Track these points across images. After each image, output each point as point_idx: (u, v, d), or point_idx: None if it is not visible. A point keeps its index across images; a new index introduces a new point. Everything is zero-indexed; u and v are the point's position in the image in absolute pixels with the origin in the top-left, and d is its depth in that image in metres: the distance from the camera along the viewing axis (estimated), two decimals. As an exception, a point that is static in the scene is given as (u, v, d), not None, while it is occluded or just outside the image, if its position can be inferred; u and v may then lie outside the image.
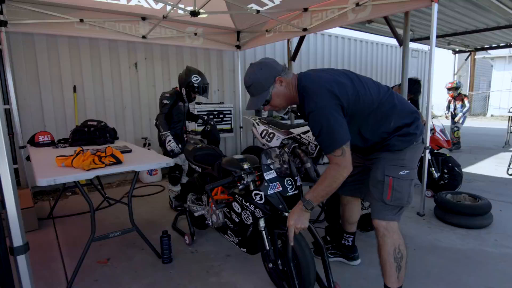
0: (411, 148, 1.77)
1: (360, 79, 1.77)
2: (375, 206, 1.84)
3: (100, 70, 4.74)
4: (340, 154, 1.62)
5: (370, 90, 1.74)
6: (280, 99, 1.79)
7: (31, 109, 4.28)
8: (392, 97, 1.78)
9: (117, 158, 2.24)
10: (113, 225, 3.30)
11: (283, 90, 1.76)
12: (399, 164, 1.76)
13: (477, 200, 3.23)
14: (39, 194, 4.34)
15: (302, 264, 1.84)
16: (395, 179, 1.75)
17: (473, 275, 2.32)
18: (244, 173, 1.96)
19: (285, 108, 1.86)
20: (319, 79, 1.70)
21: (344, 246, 2.48)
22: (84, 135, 3.31)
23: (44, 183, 1.87)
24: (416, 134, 1.76)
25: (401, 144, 1.75)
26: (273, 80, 1.73)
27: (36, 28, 3.94)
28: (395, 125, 1.74)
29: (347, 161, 1.62)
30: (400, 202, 1.77)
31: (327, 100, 1.61)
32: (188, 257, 2.63)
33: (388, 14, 3.64)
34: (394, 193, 1.75)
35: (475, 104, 18.33)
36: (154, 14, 4.53)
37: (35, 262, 2.58)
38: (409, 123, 1.75)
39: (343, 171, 1.62)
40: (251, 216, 1.97)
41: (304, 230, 1.73)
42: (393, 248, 1.77)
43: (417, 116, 1.81)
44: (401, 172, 1.75)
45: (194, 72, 3.41)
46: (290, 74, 1.79)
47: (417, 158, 1.84)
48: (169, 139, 3.23)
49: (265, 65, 1.77)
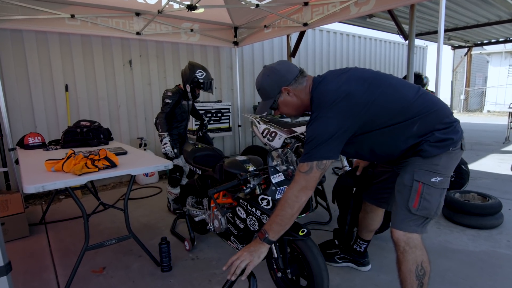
0: (447, 154, 1.55)
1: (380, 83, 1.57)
2: (398, 214, 1.63)
3: (93, 68, 4.57)
4: (304, 170, 1.48)
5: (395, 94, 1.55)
6: (287, 108, 1.70)
7: (21, 110, 4.10)
8: (419, 95, 1.57)
9: (112, 162, 2.09)
10: (108, 230, 3.15)
11: (290, 100, 1.66)
12: (432, 169, 1.55)
13: (487, 199, 3.13)
14: (30, 198, 4.17)
15: (315, 273, 1.71)
16: (425, 186, 1.55)
17: (489, 279, 2.20)
18: (250, 176, 1.83)
19: (295, 116, 1.77)
20: (331, 90, 1.55)
21: (355, 251, 2.35)
22: (77, 136, 3.15)
23: (32, 190, 1.71)
24: (453, 139, 1.54)
25: (435, 150, 1.54)
26: (278, 90, 1.65)
27: (25, 24, 3.77)
28: (420, 129, 1.54)
29: (308, 181, 1.48)
30: (427, 213, 1.56)
31: (334, 113, 1.49)
32: (188, 265, 2.49)
33: (393, 7, 3.51)
34: (422, 201, 1.55)
35: (471, 100, 18.35)
36: (148, 9, 4.37)
37: (26, 272, 2.43)
38: (441, 128, 1.54)
39: (296, 189, 1.49)
40: (257, 222, 1.84)
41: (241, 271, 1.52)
42: (415, 266, 1.58)
43: (453, 118, 1.59)
44: (433, 179, 1.54)
45: (199, 67, 3.27)
46: (303, 82, 1.65)
47: (453, 166, 1.61)
48: (165, 142, 3.08)
49: (274, 73, 1.66)
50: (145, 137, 5.03)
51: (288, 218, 1.52)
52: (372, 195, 2.09)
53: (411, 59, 3.36)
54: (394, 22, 3.87)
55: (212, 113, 5.38)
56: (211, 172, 2.37)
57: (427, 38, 7.73)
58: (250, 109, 6.31)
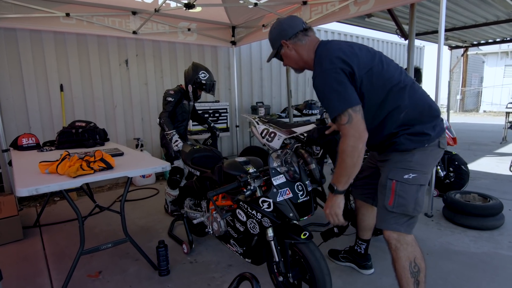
0: (422, 150, 1.59)
1: (382, 58, 1.63)
2: (379, 213, 1.70)
3: (89, 67, 4.49)
4: (346, 122, 1.46)
5: (389, 69, 1.60)
6: (288, 61, 1.79)
7: (15, 110, 4.02)
8: (412, 86, 1.61)
9: (108, 163, 2.03)
10: (104, 233, 3.08)
11: (290, 53, 1.74)
12: (405, 166, 1.59)
13: (487, 200, 3.10)
14: (25, 200, 4.09)
15: (317, 277, 1.67)
16: (398, 183, 1.59)
17: (492, 281, 2.18)
18: (250, 177, 1.78)
19: (297, 70, 1.83)
20: (332, 47, 1.61)
21: (355, 252, 2.33)
22: (72, 137, 3.08)
23: (25, 194, 1.65)
24: (430, 135, 1.57)
25: (410, 143, 1.57)
26: (279, 43, 1.74)
27: (19, 23, 3.69)
28: (405, 118, 1.57)
29: (354, 128, 1.45)
30: (404, 209, 1.59)
31: (333, 65, 1.51)
32: (186, 268, 2.43)
33: (393, 7, 3.48)
34: (396, 199, 1.59)
35: (467, 100, 18.43)
36: (145, 8, 4.30)
37: (19, 277, 2.37)
38: (424, 121, 1.58)
39: (350, 141, 1.46)
40: (258, 226, 1.79)
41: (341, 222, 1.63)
42: (408, 262, 1.60)
43: (437, 115, 1.63)
44: (406, 176, 1.58)
45: (202, 69, 3.25)
46: (304, 39, 1.70)
47: (429, 162, 1.63)
48: (176, 139, 3.01)
49: (278, 26, 1.76)
50: (141, 137, 4.97)
51: (351, 167, 1.51)
52: (359, 190, 2.13)
53: (411, 58, 3.33)
54: (393, 22, 3.84)
55: (209, 113, 5.33)
56: (209, 174, 2.32)
57: (424, 38, 7.71)
58: (248, 109, 6.26)
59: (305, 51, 1.70)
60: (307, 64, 1.74)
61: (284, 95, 6.88)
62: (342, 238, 2.81)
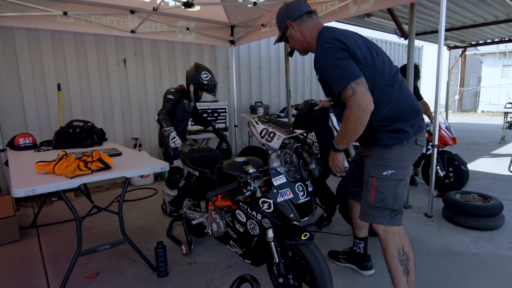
0: (399, 147, 1.69)
1: (378, 52, 1.71)
2: (363, 207, 1.81)
3: (86, 66, 4.46)
4: (350, 95, 1.53)
5: (382, 64, 1.67)
6: (293, 42, 1.86)
7: (12, 109, 3.98)
8: (400, 85, 1.71)
9: (105, 163, 2.00)
10: (102, 234, 3.05)
11: (295, 34, 1.82)
12: (384, 163, 1.70)
13: (487, 200, 3.09)
14: (22, 200, 4.05)
15: (318, 278, 1.65)
16: (378, 180, 1.70)
17: (493, 282, 2.17)
18: (250, 178, 1.76)
19: (301, 52, 1.91)
20: (334, 30, 1.71)
21: (355, 253, 2.31)
22: (69, 136, 3.05)
23: (21, 194, 1.63)
24: (408, 133, 1.66)
25: (389, 139, 1.68)
26: (285, 25, 1.82)
27: (16, 21, 3.66)
28: (388, 113, 1.66)
29: (358, 100, 1.52)
30: (384, 204, 1.69)
31: (334, 44, 1.60)
32: (185, 269, 2.41)
33: (392, 6, 3.47)
34: (377, 194, 1.70)
35: (465, 100, 18.47)
36: (143, 7, 4.27)
37: (16, 278, 2.34)
38: (405, 119, 1.67)
39: (354, 111, 1.54)
40: (258, 226, 1.77)
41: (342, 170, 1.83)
42: (396, 251, 1.68)
43: (418, 114, 1.73)
44: (384, 173, 1.69)
45: (204, 69, 3.25)
46: (308, 21, 1.78)
47: (407, 158, 1.72)
48: (173, 135, 2.99)
49: (285, 8, 1.85)
50: (140, 137, 4.93)
51: (352, 134, 1.62)
52: (347, 188, 2.20)
53: (411, 57, 3.32)
54: (393, 21, 3.83)
55: (208, 113, 5.30)
56: (209, 174, 2.29)
57: (423, 38, 7.71)
58: (246, 109, 6.24)
59: (308, 33, 1.78)
60: (310, 45, 1.81)
61: (283, 94, 6.86)
62: (342, 239, 2.81)
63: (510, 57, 17.47)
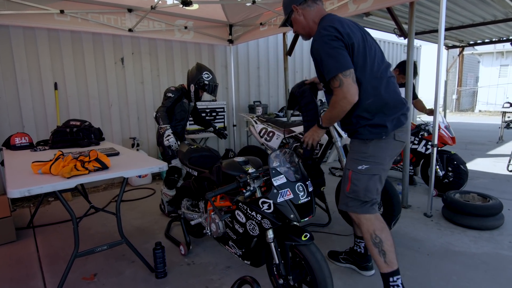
0: (377, 142, 1.78)
1: (372, 45, 1.79)
2: (340, 196, 1.96)
3: (84, 65, 4.42)
4: (337, 86, 1.67)
5: (375, 57, 1.75)
6: (297, 26, 1.94)
7: (8, 109, 3.93)
8: (388, 81, 1.77)
9: (103, 163, 1.98)
10: (99, 234, 3.02)
11: (299, 18, 1.90)
12: (360, 158, 1.82)
13: (487, 199, 3.09)
14: (18, 200, 4.00)
15: (319, 280, 1.63)
16: (353, 173, 1.83)
17: (494, 282, 2.16)
18: (250, 178, 1.73)
19: (304, 36, 1.97)
20: (334, 18, 1.77)
21: (355, 252, 2.30)
22: (66, 136, 3.01)
23: (17, 195, 1.60)
24: (387, 128, 1.75)
25: (369, 134, 1.78)
26: (290, 8, 1.90)
27: (12, 19, 3.61)
28: (370, 105, 1.74)
29: (345, 91, 1.65)
30: (356, 195, 1.83)
31: (330, 32, 1.68)
32: (184, 270, 2.38)
33: (392, 5, 3.46)
34: (351, 186, 1.84)
35: (463, 99, 18.54)
36: (141, 6, 4.23)
37: (12, 280, 2.31)
38: (386, 113, 1.75)
39: (340, 101, 1.69)
40: (258, 227, 1.75)
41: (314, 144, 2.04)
42: (368, 235, 1.83)
43: (400, 110, 1.78)
44: (359, 167, 1.81)
45: (206, 70, 3.24)
46: (312, 6, 1.86)
47: (384, 154, 1.81)
48: (168, 133, 2.96)
49: None
50: (137, 137, 4.90)
51: (335, 117, 1.81)
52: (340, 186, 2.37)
53: (411, 56, 3.30)
54: (393, 20, 3.81)
55: (206, 112, 5.27)
56: (207, 174, 2.27)
57: (421, 38, 7.70)
58: (245, 109, 6.21)
59: (311, 18, 1.87)
60: (312, 30, 1.89)
61: (281, 94, 6.84)
62: (342, 239, 2.79)
63: (508, 56, 17.54)
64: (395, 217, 2.59)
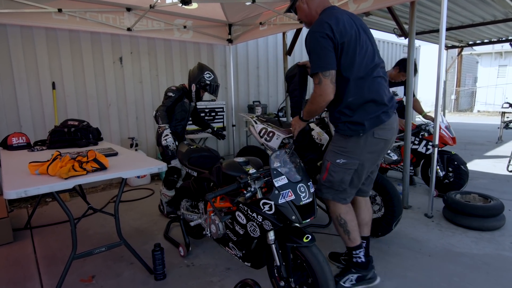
0: (356, 139, 1.85)
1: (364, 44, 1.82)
2: (318, 183, 2.07)
3: (82, 65, 4.38)
4: (317, 83, 1.77)
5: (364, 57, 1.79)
6: (300, 13, 2.00)
7: (5, 108, 3.90)
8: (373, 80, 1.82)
9: (101, 164, 1.95)
10: (98, 235, 2.99)
11: (303, 6, 1.96)
12: (339, 151, 1.91)
13: (488, 200, 3.07)
14: (15, 201, 3.97)
15: (321, 282, 1.60)
16: (331, 164, 1.94)
17: (496, 283, 2.14)
18: (251, 179, 1.71)
19: (307, 24, 2.02)
20: (332, 13, 1.82)
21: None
22: (64, 136, 2.98)
23: (13, 196, 1.57)
24: (364, 126, 1.81)
25: (348, 131, 1.85)
26: None
27: (9, 18, 3.57)
28: (352, 103, 1.81)
29: (322, 89, 1.75)
30: (331, 185, 1.96)
31: (322, 28, 1.73)
32: (183, 272, 2.36)
33: (393, 4, 3.44)
34: (328, 176, 1.96)
35: (462, 100, 18.56)
36: (139, 5, 4.20)
37: (9, 281, 2.28)
38: (368, 110, 1.81)
39: (319, 98, 1.79)
40: (259, 229, 1.72)
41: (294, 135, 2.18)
42: (335, 216, 2.02)
43: (380, 108, 1.82)
44: (338, 160, 1.91)
45: (207, 70, 3.22)
46: None
47: (362, 151, 1.87)
48: (166, 133, 2.93)
49: None
50: (136, 137, 4.87)
51: (313, 112, 1.95)
52: None
53: (411, 56, 3.29)
54: (393, 20, 3.80)
55: (205, 112, 5.24)
56: (207, 174, 2.25)
57: (421, 38, 7.69)
58: (244, 108, 6.19)
59: (314, 7, 1.92)
60: (313, 19, 1.93)
61: (281, 94, 6.82)
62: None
63: (506, 57, 17.56)
64: (396, 218, 2.57)
